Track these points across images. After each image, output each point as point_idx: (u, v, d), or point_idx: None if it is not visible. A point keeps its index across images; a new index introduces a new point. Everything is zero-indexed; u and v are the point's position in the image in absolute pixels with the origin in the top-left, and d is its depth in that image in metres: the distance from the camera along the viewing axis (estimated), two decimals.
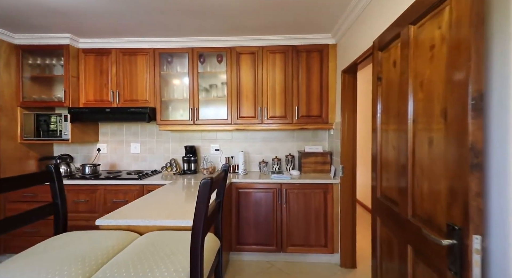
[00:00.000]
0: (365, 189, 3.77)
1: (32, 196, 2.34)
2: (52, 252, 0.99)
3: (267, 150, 2.85)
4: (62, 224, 1.23)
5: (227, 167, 1.26)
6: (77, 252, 0.99)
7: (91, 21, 2.16)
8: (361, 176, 3.78)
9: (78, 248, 1.02)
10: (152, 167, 2.88)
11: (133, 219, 1.28)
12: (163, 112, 2.61)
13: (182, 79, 2.68)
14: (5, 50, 2.35)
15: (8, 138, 2.41)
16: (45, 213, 1.17)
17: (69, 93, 2.47)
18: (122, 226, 1.29)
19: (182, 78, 2.66)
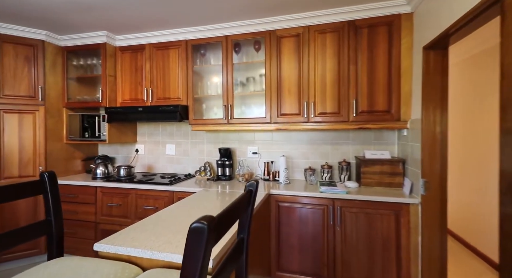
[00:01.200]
0: (464, 215, 2.75)
1: (72, 196, 2.34)
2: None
3: (315, 154, 2.34)
4: (57, 246, 1.00)
5: (254, 186, 0.84)
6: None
7: (125, 13, 2.02)
8: (456, 196, 2.85)
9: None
10: (186, 170, 2.67)
11: (135, 247, 0.97)
12: (196, 111, 2.35)
13: (216, 73, 2.38)
14: (51, 52, 2.42)
15: (54, 138, 2.47)
16: (34, 232, 0.95)
17: (107, 92, 2.42)
18: (123, 256, 1.00)
19: (216, 72, 2.36)
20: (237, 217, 0.70)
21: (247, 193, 0.80)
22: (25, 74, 2.28)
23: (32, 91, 2.32)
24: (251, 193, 0.81)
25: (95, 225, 2.28)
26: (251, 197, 0.81)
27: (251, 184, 0.83)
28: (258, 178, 2.41)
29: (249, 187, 0.83)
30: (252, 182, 0.83)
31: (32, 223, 0.96)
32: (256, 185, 0.83)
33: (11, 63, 2.23)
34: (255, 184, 0.82)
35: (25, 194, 0.94)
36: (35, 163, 2.34)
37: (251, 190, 0.81)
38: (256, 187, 0.82)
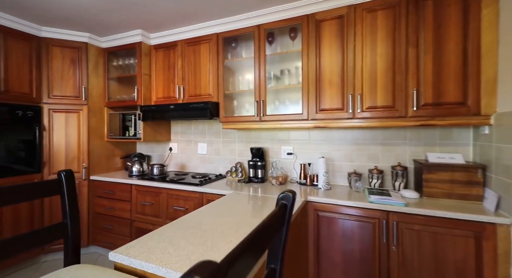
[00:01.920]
0: None
1: (110, 193, 2.41)
2: None
3: (361, 156, 2.00)
4: (72, 251, 0.92)
5: (290, 200, 0.61)
6: None
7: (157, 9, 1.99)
8: None
9: None
10: (218, 170, 2.57)
11: (149, 262, 0.84)
12: (227, 108, 2.22)
13: (247, 67, 2.21)
14: (93, 54, 2.53)
15: (96, 136, 2.59)
16: (50, 236, 0.88)
17: (142, 91, 2.44)
18: (137, 270, 0.87)
19: (248, 66, 2.19)
20: (266, 244, 0.49)
21: (280, 209, 0.58)
22: (70, 75, 2.42)
23: (77, 92, 2.45)
24: (285, 208, 0.60)
25: (130, 223, 2.31)
26: (285, 214, 0.60)
27: (286, 197, 0.61)
28: (293, 182, 2.17)
29: (282, 201, 0.61)
30: (287, 194, 0.61)
31: (48, 225, 0.89)
32: (293, 198, 0.61)
33: (59, 65, 2.38)
34: (291, 197, 0.60)
35: (41, 194, 0.87)
36: (79, 160, 2.47)
37: (286, 205, 0.60)
38: (292, 200, 0.60)
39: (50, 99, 2.36)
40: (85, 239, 2.49)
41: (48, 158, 2.37)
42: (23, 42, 2.20)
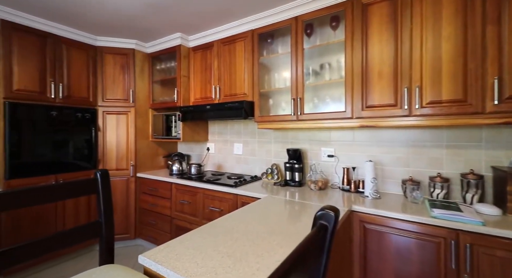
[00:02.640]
0: None
1: (154, 190, 2.54)
2: None
3: (420, 161, 1.70)
4: (106, 251, 0.93)
5: (331, 220, 0.47)
6: None
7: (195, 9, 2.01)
8: None
9: None
10: (253, 171, 2.50)
11: (174, 271, 0.79)
12: (262, 107, 2.13)
13: (284, 63, 2.08)
14: (140, 59, 2.71)
15: (142, 137, 2.77)
16: (84, 235, 0.90)
17: (181, 92, 2.52)
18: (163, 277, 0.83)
19: (284, 62, 2.06)
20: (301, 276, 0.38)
21: (318, 231, 0.46)
22: (120, 80, 2.63)
23: (126, 95, 2.65)
24: (325, 231, 0.47)
25: (170, 219, 2.39)
26: (325, 239, 0.46)
27: (326, 216, 0.48)
28: (334, 187, 1.97)
29: (321, 221, 0.48)
30: (327, 213, 0.47)
31: (83, 224, 0.91)
32: (335, 218, 0.47)
33: (111, 71, 2.60)
34: (333, 217, 0.47)
35: (79, 193, 0.90)
36: (127, 158, 2.67)
37: (325, 227, 0.47)
38: (334, 221, 0.47)
39: (104, 102, 2.60)
40: (133, 232, 2.67)
41: (102, 155, 2.61)
42: (82, 51, 2.46)
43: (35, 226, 2.13)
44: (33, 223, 2.11)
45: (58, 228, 2.29)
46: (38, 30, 2.16)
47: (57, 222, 2.27)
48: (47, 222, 2.21)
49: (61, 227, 2.31)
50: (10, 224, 1.99)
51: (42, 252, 0.80)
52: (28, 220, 2.09)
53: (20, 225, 2.04)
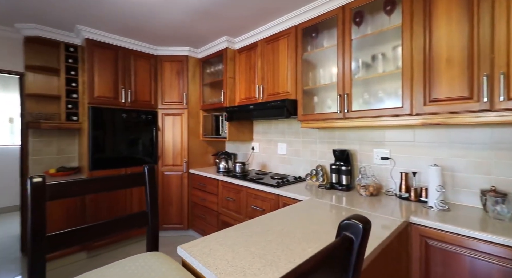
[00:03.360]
0: None
1: (203, 185, 2.71)
2: None
3: (506, 167, 1.35)
4: (151, 239, 1.02)
5: (358, 231, 0.37)
6: None
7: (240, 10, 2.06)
8: None
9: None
10: (297, 172, 2.42)
11: (206, 266, 0.81)
12: (306, 105, 2.03)
13: (330, 57, 1.94)
14: (192, 64, 2.93)
15: (194, 136, 2.99)
16: (134, 223, 1.01)
17: (227, 93, 2.62)
18: (196, 271, 0.86)
19: (330, 56, 1.91)
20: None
21: (340, 243, 0.39)
22: (176, 84, 2.90)
23: (180, 98, 2.91)
24: (350, 244, 0.39)
25: (217, 215, 2.52)
26: (351, 255, 0.39)
27: (352, 227, 0.40)
28: (390, 194, 1.74)
29: (346, 232, 0.41)
30: (354, 223, 0.40)
31: (134, 213, 1.02)
32: (363, 231, 0.40)
33: (168, 76, 2.90)
34: (360, 229, 0.39)
35: (131, 184, 1.02)
36: (181, 155, 2.93)
37: (351, 240, 0.39)
38: (362, 234, 0.39)
39: (162, 104, 2.91)
40: (186, 223, 2.92)
41: (161, 152, 2.93)
42: (145, 60, 2.80)
43: (111, 210, 2.52)
44: (109, 207, 2.52)
45: (128, 212, 2.66)
46: (112, 44, 2.55)
47: (126, 208, 2.65)
48: (118, 208, 2.59)
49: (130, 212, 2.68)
50: (94, 206, 2.41)
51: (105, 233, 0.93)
52: (106, 203, 2.50)
53: (100, 207, 2.45)
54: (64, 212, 2.25)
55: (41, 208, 0.76)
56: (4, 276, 2.13)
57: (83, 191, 0.89)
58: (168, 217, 2.91)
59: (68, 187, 0.86)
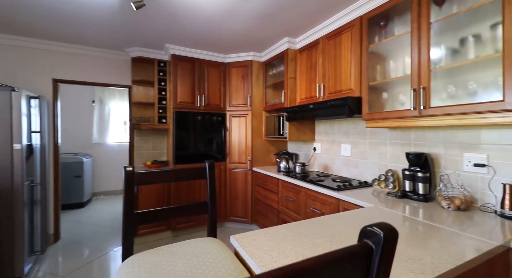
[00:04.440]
0: None
1: (264, 183, 2.83)
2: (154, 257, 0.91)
3: None
4: (210, 226, 1.17)
5: (380, 241, 0.34)
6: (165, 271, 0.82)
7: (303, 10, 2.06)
8: None
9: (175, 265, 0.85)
10: (363, 176, 2.21)
11: (252, 257, 0.87)
12: (372, 102, 1.84)
13: (403, 47, 1.68)
14: (256, 68, 3.09)
15: (257, 136, 3.15)
16: (197, 210, 1.18)
17: (288, 94, 2.64)
18: (245, 261, 0.94)
19: (403, 45, 1.66)
20: None
21: (358, 248, 0.37)
22: (241, 87, 3.12)
23: (245, 100, 3.12)
24: (370, 252, 0.36)
25: (277, 213, 2.59)
26: (371, 266, 0.37)
27: (372, 235, 0.37)
28: (486, 210, 1.38)
29: (366, 240, 0.38)
30: (374, 231, 0.36)
31: (197, 202, 1.19)
32: (384, 241, 0.36)
33: (235, 81, 3.15)
34: (380, 238, 0.35)
35: (194, 177, 1.19)
36: (246, 154, 3.14)
37: (370, 249, 0.36)
38: (382, 245, 0.36)
39: (230, 107, 3.20)
40: (250, 217, 3.11)
41: (229, 150, 3.22)
42: (216, 68, 3.14)
43: (188, 197, 2.96)
44: (187, 195, 2.95)
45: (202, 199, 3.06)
46: (190, 57, 2.98)
47: (200, 197, 3.05)
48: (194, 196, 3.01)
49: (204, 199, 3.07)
50: (176, 193, 2.89)
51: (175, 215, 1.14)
52: (185, 192, 2.94)
53: (180, 194, 2.91)
54: (155, 196, 2.78)
55: (131, 191, 1.00)
56: (117, 243, 2.81)
57: (158, 179, 1.11)
58: (234, 210, 3.17)
59: (148, 176, 1.09)
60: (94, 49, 2.95)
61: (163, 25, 2.32)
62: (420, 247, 0.95)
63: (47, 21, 2.21)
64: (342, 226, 1.15)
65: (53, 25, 2.30)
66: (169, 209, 1.11)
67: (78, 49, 2.88)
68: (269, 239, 1.01)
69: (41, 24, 2.28)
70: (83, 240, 2.84)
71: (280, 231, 1.09)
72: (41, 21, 2.22)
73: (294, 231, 1.09)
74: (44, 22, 2.23)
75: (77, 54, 2.90)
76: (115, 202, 4.40)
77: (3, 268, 1.87)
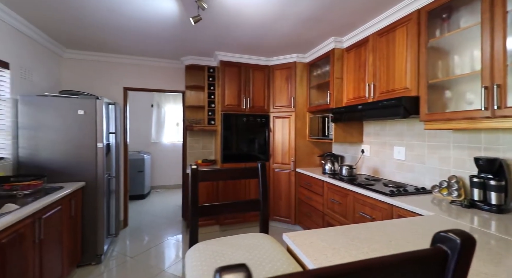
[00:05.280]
0: None
1: (309, 185, 2.83)
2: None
3: None
4: (262, 223, 1.25)
5: (457, 247, 0.35)
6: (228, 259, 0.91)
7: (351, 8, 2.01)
8: None
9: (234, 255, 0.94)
10: (420, 182, 2.05)
11: (307, 255, 0.92)
12: (432, 102, 1.69)
13: (470, 39, 1.51)
14: (300, 69, 3.10)
15: (301, 137, 3.15)
16: (250, 207, 1.27)
17: (334, 94, 2.59)
18: (298, 258, 0.99)
19: (471, 38, 1.49)
20: None
21: (431, 253, 0.38)
22: (284, 89, 3.17)
23: (289, 101, 3.15)
24: (444, 259, 0.38)
25: (322, 215, 2.56)
26: (444, 274, 0.38)
27: (447, 240, 0.38)
28: None
29: (441, 245, 0.39)
30: (449, 237, 0.37)
31: (250, 199, 1.28)
32: (463, 246, 0.37)
33: (278, 83, 3.21)
34: (457, 244, 0.36)
35: (248, 176, 1.29)
36: (289, 155, 3.17)
37: (445, 254, 0.37)
38: (461, 249, 0.36)
39: (273, 109, 3.27)
40: (293, 218, 3.14)
41: (272, 151, 3.29)
42: (260, 72, 3.24)
43: (234, 195, 3.13)
44: (234, 192, 3.13)
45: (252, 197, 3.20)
46: (236, 62, 3.14)
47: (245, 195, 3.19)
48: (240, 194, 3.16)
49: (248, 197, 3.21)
50: (223, 190, 3.08)
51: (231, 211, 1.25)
52: (232, 190, 3.12)
53: (227, 192, 3.10)
54: (205, 191, 3.02)
55: (196, 186, 1.13)
56: (171, 232, 3.13)
57: (218, 177, 1.23)
58: (278, 210, 3.23)
59: (210, 173, 1.22)
60: (155, 59, 3.33)
61: (215, 35, 2.50)
62: (493, 262, 0.87)
63: (118, 38, 2.60)
64: (399, 233, 1.11)
65: (122, 41, 2.69)
66: (227, 204, 1.22)
67: (141, 60, 3.29)
68: (321, 239, 1.04)
69: (113, 41, 2.69)
70: (144, 228, 3.25)
71: (331, 233, 1.10)
72: (114, 39, 2.61)
73: (346, 235, 1.09)
74: (116, 39, 2.62)
75: (140, 65, 3.32)
76: (169, 195, 4.88)
77: (89, 246, 2.28)
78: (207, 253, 0.98)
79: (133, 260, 2.41)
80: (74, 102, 2.20)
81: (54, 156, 2.17)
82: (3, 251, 1.22)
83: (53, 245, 1.74)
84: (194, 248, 1.04)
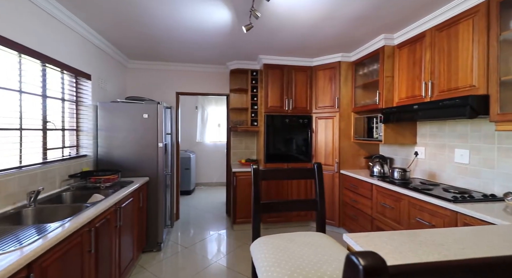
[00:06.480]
0: None
1: (355, 187, 2.76)
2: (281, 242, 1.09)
3: None
4: (319, 222, 1.29)
5: None
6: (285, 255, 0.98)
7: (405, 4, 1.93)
8: None
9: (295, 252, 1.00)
10: (488, 188, 1.86)
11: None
12: (506, 101, 1.53)
13: None
14: (344, 69, 3.03)
15: (345, 137, 3.09)
16: (307, 206, 1.32)
17: (383, 94, 2.49)
18: None
19: None
20: None
21: None
22: (328, 89, 3.13)
23: (332, 102, 3.11)
24: None
25: (371, 219, 2.48)
26: None
27: None
28: None
29: None
30: None
31: (307, 199, 1.33)
32: None
33: (321, 83, 3.18)
34: None
35: (304, 176, 1.34)
36: (333, 156, 3.13)
37: None
38: None
39: (316, 109, 3.25)
40: (337, 220, 3.09)
41: (315, 152, 3.28)
42: (303, 73, 3.26)
43: (276, 194, 3.20)
44: (276, 192, 3.20)
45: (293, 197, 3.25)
46: (279, 65, 3.21)
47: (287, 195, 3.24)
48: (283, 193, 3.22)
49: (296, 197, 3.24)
50: (266, 189, 3.18)
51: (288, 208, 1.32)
52: (274, 189, 3.20)
53: (270, 190, 3.19)
54: (249, 190, 3.14)
55: (258, 184, 1.22)
56: (216, 228, 3.32)
57: (276, 176, 1.31)
58: None
59: (268, 173, 1.31)
60: (203, 65, 3.58)
61: (260, 40, 2.61)
62: None
63: (174, 48, 2.86)
64: (471, 242, 1.05)
65: (177, 51, 2.95)
66: (286, 202, 1.29)
67: (191, 67, 3.57)
68: (385, 242, 1.04)
69: (169, 51, 2.97)
70: (193, 221, 3.51)
71: (395, 237, 1.09)
72: (170, 49, 2.89)
73: (411, 239, 1.07)
74: (172, 49, 2.90)
75: (190, 71, 3.60)
76: (212, 192, 5.17)
77: (150, 235, 2.56)
78: (274, 247, 1.06)
79: (187, 250, 2.64)
80: (140, 107, 2.51)
81: (124, 153, 2.50)
82: (97, 233, 1.47)
83: (128, 231, 2.01)
84: (259, 242, 1.13)
